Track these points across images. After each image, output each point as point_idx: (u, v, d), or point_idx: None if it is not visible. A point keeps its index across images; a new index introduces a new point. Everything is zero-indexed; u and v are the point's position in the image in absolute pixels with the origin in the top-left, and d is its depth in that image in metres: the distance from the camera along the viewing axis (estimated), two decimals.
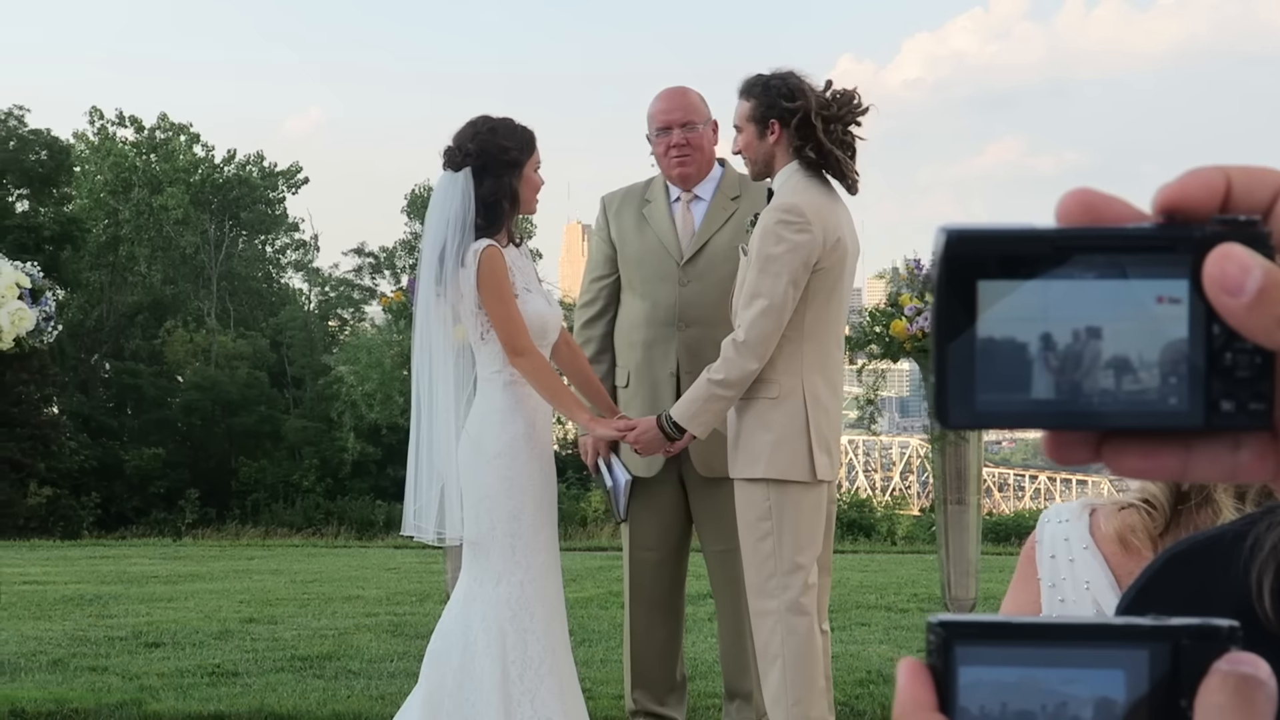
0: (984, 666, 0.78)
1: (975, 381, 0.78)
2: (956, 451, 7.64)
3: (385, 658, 10.05)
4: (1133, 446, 0.81)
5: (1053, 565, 2.79)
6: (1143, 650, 0.78)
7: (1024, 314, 0.77)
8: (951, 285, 0.78)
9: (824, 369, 6.15)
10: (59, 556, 20.25)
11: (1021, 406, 0.78)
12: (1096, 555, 2.74)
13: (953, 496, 7.71)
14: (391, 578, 16.14)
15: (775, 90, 6.05)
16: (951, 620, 0.79)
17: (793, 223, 5.91)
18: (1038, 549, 2.83)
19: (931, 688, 0.79)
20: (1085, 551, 2.75)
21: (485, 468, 6.04)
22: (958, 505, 7.72)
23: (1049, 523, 2.84)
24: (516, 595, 5.99)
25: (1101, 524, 2.75)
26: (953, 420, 0.79)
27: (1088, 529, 2.77)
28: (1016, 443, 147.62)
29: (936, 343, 0.78)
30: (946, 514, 7.74)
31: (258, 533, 35.24)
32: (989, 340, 0.78)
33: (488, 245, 5.95)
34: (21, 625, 11.40)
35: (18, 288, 6.26)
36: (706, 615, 10.70)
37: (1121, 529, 2.68)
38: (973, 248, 0.78)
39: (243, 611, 12.62)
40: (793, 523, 6.02)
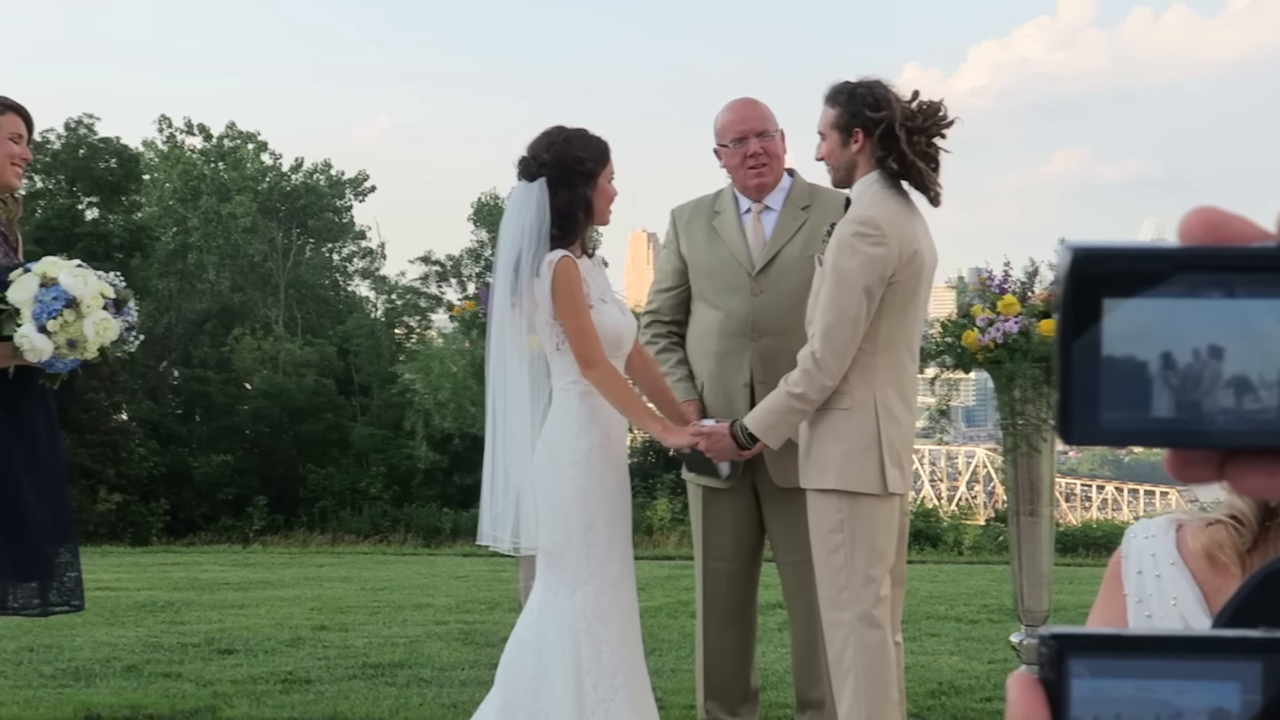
0: (1097, 679, 0.79)
1: (1099, 398, 0.79)
2: (1029, 463, 7.60)
3: (456, 666, 10.08)
4: (1256, 466, 0.81)
5: (1139, 581, 2.78)
6: (1256, 663, 0.79)
7: (1148, 332, 0.78)
8: (1076, 302, 0.79)
9: (897, 381, 6.14)
10: (130, 563, 20.36)
11: (1145, 424, 0.79)
12: (1184, 571, 2.73)
13: (1025, 508, 7.66)
14: (461, 586, 16.16)
15: (861, 99, 6.04)
16: (1064, 632, 0.80)
17: (869, 235, 5.90)
18: (1124, 564, 2.82)
19: (1044, 701, 0.79)
20: (1172, 568, 2.74)
21: (561, 477, 6.05)
22: (1030, 517, 7.67)
23: (1135, 538, 2.83)
24: (591, 605, 6.01)
25: (1189, 540, 2.74)
26: (1076, 436, 0.80)
27: (1174, 545, 2.76)
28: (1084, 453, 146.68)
29: (1061, 358, 0.79)
30: (1019, 525, 7.70)
31: (325, 540, 35.35)
32: (1113, 358, 0.78)
33: (562, 256, 5.97)
34: (95, 631, 11.48)
35: (102, 298, 6.30)
36: (777, 625, 10.69)
37: (1209, 545, 2.67)
38: (1098, 265, 0.79)
39: (314, 619, 12.66)
40: (865, 535, 6.02)
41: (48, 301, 6.10)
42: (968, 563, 22.61)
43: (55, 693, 9.04)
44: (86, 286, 6.21)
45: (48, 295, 6.11)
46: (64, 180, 49.33)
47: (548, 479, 6.09)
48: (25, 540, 6.30)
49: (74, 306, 6.13)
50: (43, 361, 6.15)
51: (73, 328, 6.12)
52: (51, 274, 6.19)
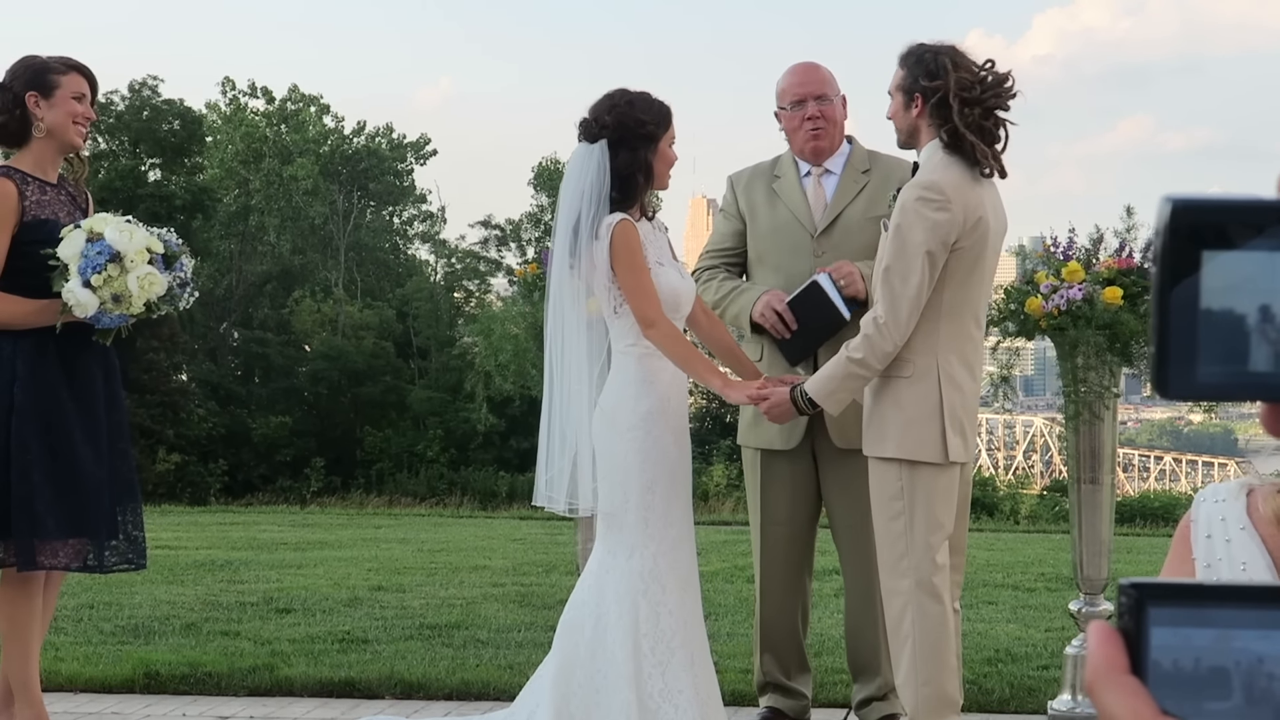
0: (1175, 628, 0.78)
1: (1197, 353, 0.77)
2: (1091, 430, 7.56)
3: (513, 627, 10.10)
4: None
5: (1209, 545, 2.76)
6: None
7: (1247, 285, 0.76)
8: (1175, 255, 0.77)
9: (961, 349, 6.11)
10: (189, 522, 20.47)
11: (1243, 378, 0.77)
12: (1254, 537, 2.70)
13: (1086, 476, 7.63)
14: (517, 548, 16.20)
15: (924, 65, 6.01)
16: (1144, 582, 0.79)
17: (933, 200, 5.87)
18: (1193, 528, 2.80)
19: (1123, 649, 0.79)
20: (1242, 532, 2.71)
21: (619, 440, 6.05)
22: (1091, 485, 7.63)
23: (1205, 502, 2.81)
24: (649, 568, 6.01)
25: (1260, 505, 2.71)
26: (1173, 392, 0.78)
27: (1244, 510, 2.73)
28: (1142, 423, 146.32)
29: (1158, 312, 0.78)
30: (1080, 493, 7.66)
31: (382, 502, 35.54)
32: (1211, 311, 0.77)
33: (621, 219, 5.96)
34: (155, 589, 11.54)
35: (149, 252, 6.31)
36: (833, 591, 10.68)
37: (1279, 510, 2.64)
38: (1198, 217, 0.77)
39: (371, 580, 12.71)
40: (925, 503, 6.00)
41: (92, 256, 6.12)
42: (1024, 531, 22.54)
43: (115, 649, 9.10)
44: (131, 241, 6.23)
45: (92, 250, 6.14)
46: (127, 141, 49.65)
47: (606, 442, 6.09)
48: (79, 495, 6.33)
49: (118, 261, 6.15)
50: (89, 317, 6.18)
51: (116, 282, 6.14)
52: (98, 229, 6.22)
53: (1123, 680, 0.78)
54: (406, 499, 37.36)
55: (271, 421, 46.22)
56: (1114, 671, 0.78)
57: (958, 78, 5.94)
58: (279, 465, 45.32)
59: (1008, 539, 19.17)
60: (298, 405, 49.07)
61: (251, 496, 39.12)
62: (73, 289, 6.11)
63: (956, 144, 5.95)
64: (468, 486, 41.57)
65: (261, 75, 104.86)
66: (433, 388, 48.82)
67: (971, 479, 6.55)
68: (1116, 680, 0.78)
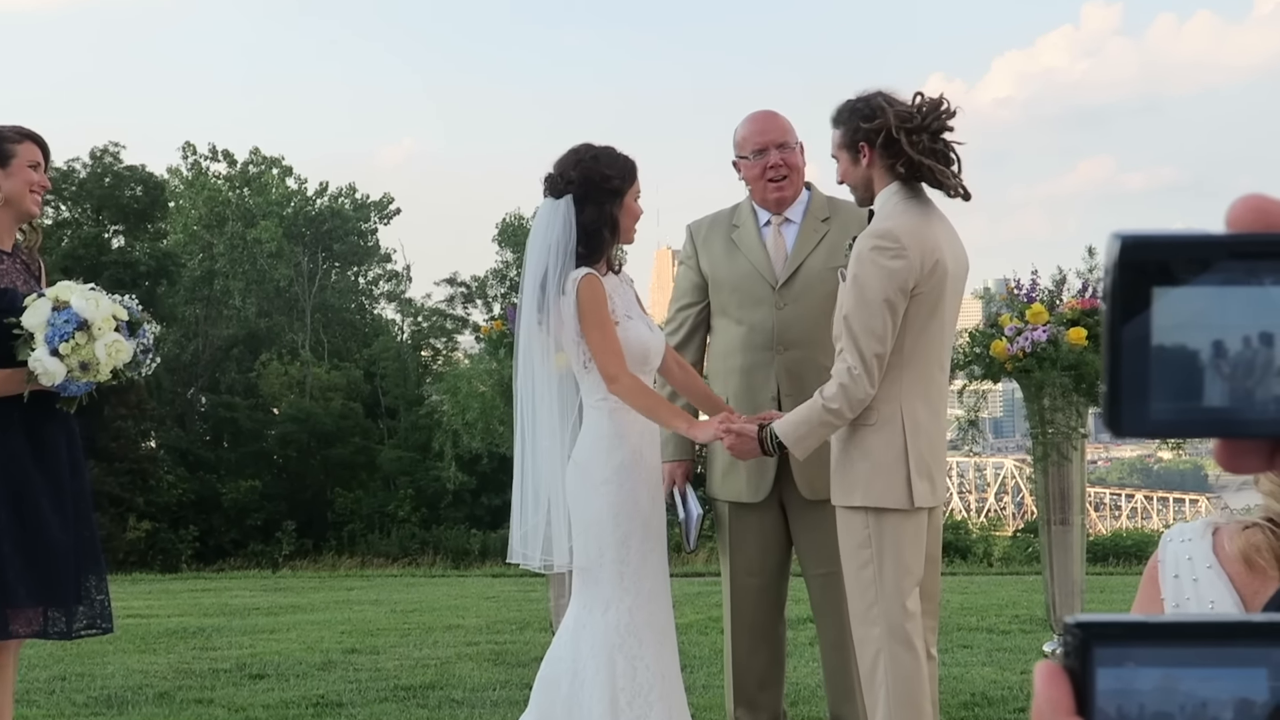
0: (1122, 667, 0.78)
1: (1149, 389, 0.77)
2: (1059, 471, 7.58)
3: (488, 686, 10.06)
4: None
5: (1176, 585, 2.76)
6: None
7: (1199, 321, 0.76)
8: (1126, 292, 0.77)
9: (925, 394, 6.10)
10: (161, 590, 20.39)
11: (1196, 414, 0.77)
12: (1221, 575, 2.71)
13: (1056, 516, 7.65)
14: (491, 606, 16.16)
15: (858, 113, 6.01)
16: (1090, 621, 0.79)
17: (887, 249, 5.86)
18: (1161, 569, 2.81)
19: (1069, 690, 0.78)
20: (1209, 571, 2.72)
21: (592, 494, 6.03)
22: (1061, 525, 7.65)
23: (1171, 542, 2.81)
24: (625, 622, 5.99)
25: (1225, 543, 2.72)
26: (1126, 429, 0.78)
27: (1211, 548, 2.74)
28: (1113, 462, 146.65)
29: (1110, 349, 0.78)
30: (1051, 534, 7.68)
31: (354, 563, 35.45)
32: (1163, 347, 0.77)
33: (587, 273, 5.95)
34: (127, 658, 11.48)
35: (114, 320, 6.31)
36: (808, 640, 10.67)
37: (1246, 549, 2.65)
38: (1147, 253, 0.77)
39: (345, 642, 12.65)
40: (893, 549, 5.98)
41: (59, 325, 6.12)
42: (998, 574, 22.59)
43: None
44: (98, 309, 6.23)
45: (59, 319, 6.14)
46: (90, 209, 49.61)
47: (579, 497, 6.08)
48: (47, 563, 6.32)
49: (85, 329, 6.15)
50: (56, 385, 6.17)
51: (84, 350, 6.14)
52: (64, 297, 6.21)
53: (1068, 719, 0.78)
54: (379, 559, 37.28)
55: (241, 486, 46.14)
56: (1059, 713, 0.78)
57: (895, 111, 5.94)
58: (250, 529, 45.22)
59: (981, 581, 19.19)
60: (267, 469, 49.00)
61: (223, 562, 39.03)
62: (40, 357, 6.10)
63: (915, 174, 5.95)
64: (440, 545, 41.47)
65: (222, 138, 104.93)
66: (402, 447, 48.82)
67: (942, 524, 6.55)
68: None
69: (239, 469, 48.18)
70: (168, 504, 43.09)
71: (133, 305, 6.56)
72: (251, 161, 59.68)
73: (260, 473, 48.02)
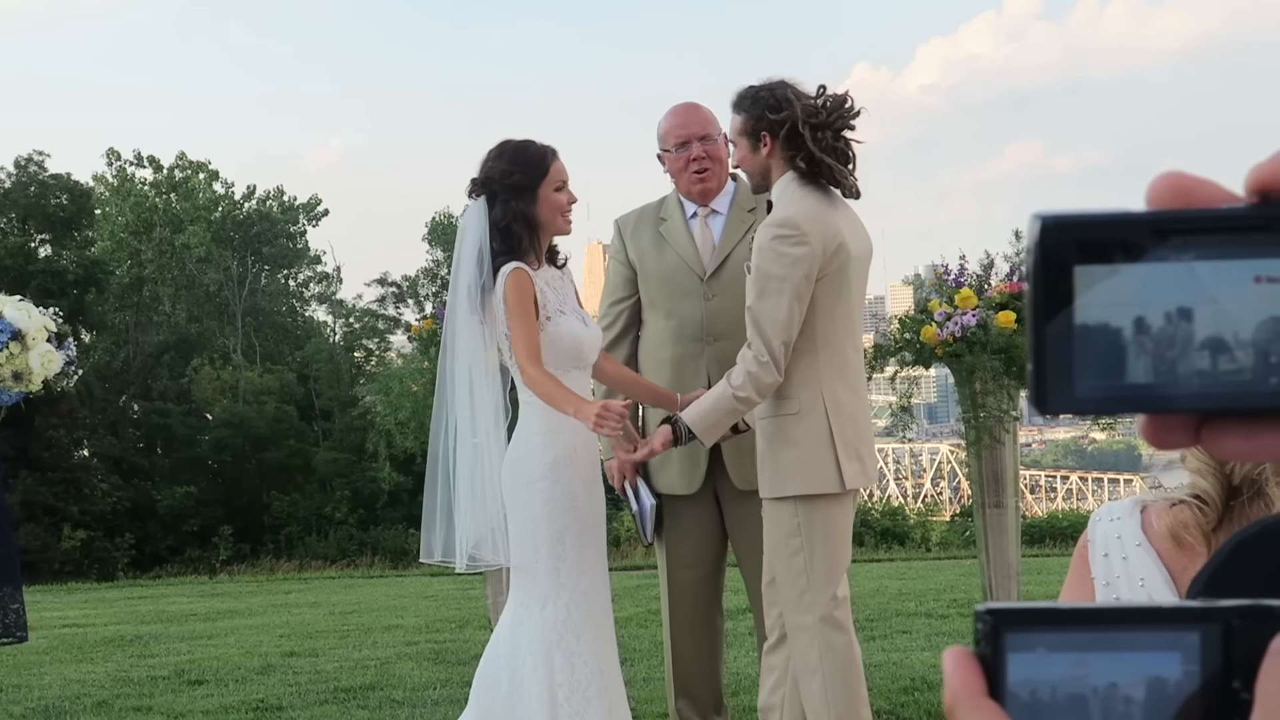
0: (1033, 653, 0.78)
1: (1074, 368, 0.77)
2: (992, 454, 7.61)
3: (428, 685, 10.04)
4: (1234, 428, 0.80)
5: (1106, 564, 2.78)
6: (1193, 633, 0.78)
7: (1122, 298, 0.77)
8: (1048, 272, 0.77)
9: (843, 375, 6.10)
10: (97, 599, 20.29)
11: (1121, 391, 0.78)
12: (1150, 553, 2.72)
13: (991, 500, 7.68)
14: (430, 605, 16.14)
15: (763, 102, 6.01)
16: (1000, 608, 0.79)
17: (788, 236, 5.86)
18: (1090, 548, 2.82)
19: (981, 675, 0.78)
20: (1139, 549, 2.73)
21: (527, 491, 6.02)
22: (996, 508, 7.69)
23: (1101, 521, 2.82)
24: (563, 618, 5.98)
25: (1154, 521, 2.73)
26: (1053, 407, 0.78)
27: (1140, 526, 2.75)
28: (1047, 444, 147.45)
29: (1034, 330, 0.78)
30: (985, 518, 7.71)
31: (292, 566, 35.33)
32: (1087, 326, 0.77)
33: (515, 267, 5.93)
34: (64, 668, 11.42)
35: (46, 330, 6.28)
36: (746, 630, 10.68)
37: (1174, 526, 2.67)
38: (1068, 233, 0.77)
39: (283, 645, 12.61)
40: (823, 537, 5.99)
41: None
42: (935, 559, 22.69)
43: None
44: (30, 320, 6.20)
45: None
46: (16, 218, 49.23)
47: (514, 493, 6.06)
48: None
49: (20, 339, 6.11)
50: None
51: (18, 360, 6.11)
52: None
53: (981, 703, 0.78)
54: (317, 562, 37.16)
55: (177, 492, 45.92)
56: (973, 695, 0.78)
57: (802, 106, 5.95)
58: (186, 536, 45.00)
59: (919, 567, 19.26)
60: (202, 474, 48.79)
61: (160, 569, 38.85)
62: None
63: (814, 170, 5.96)
64: (378, 546, 41.37)
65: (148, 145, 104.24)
66: (337, 449, 48.67)
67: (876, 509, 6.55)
68: (976, 703, 0.78)
69: (174, 475, 47.95)
70: (102, 512, 42.82)
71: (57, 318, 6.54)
72: (178, 167, 59.35)
73: (195, 478, 47.80)
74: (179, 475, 47.90)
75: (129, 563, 41.05)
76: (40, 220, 49.13)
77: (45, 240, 49.78)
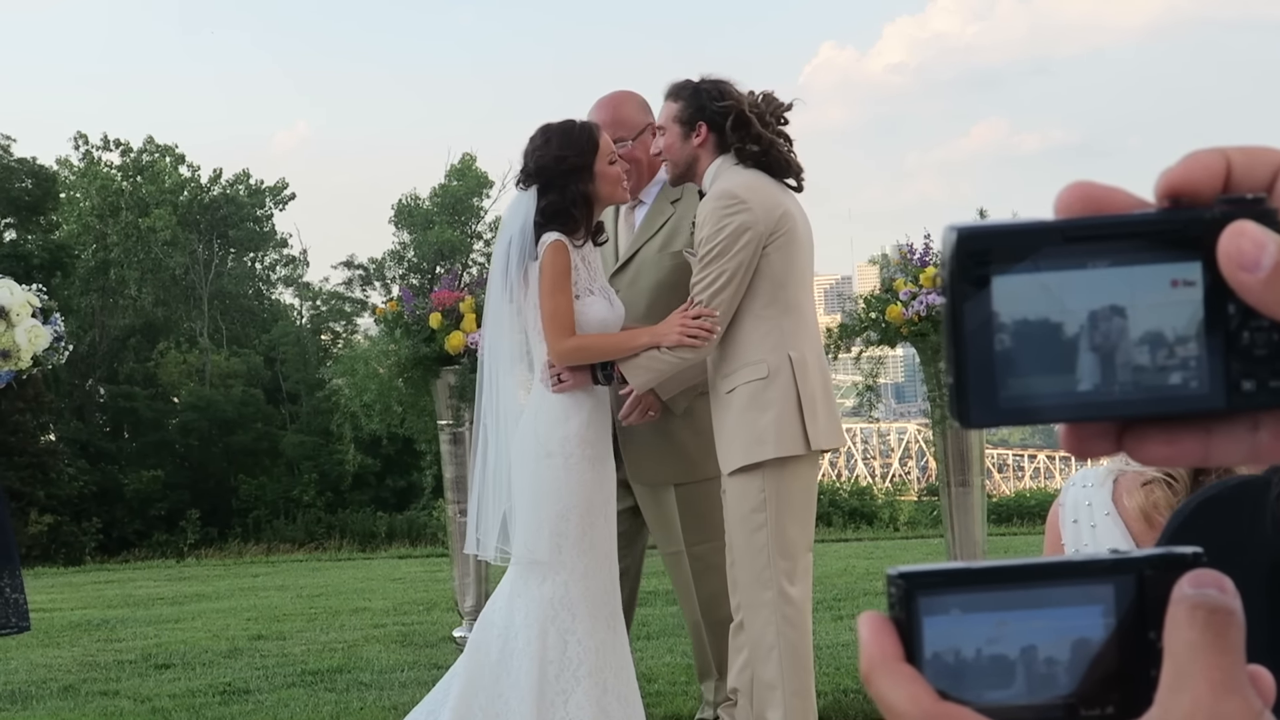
0: (949, 615, 0.78)
1: (995, 379, 0.78)
2: (958, 434, 7.62)
3: (396, 668, 10.04)
4: (1155, 434, 0.81)
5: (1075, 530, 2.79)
6: (1107, 585, 0.79)
7: (1040, 308, 0.78)
8: (965, 283, 0.78)
9: (808, 338, 6.14)
10: (64, 583, 20.26)
11: (1043, 401, 0.78)
12: (1119, 523, 2.74)
13: (956, 479, 7.70)
14: (397, 588, 16.14)
15: (705, 93, 6.07)
16: (912, 571, 0.80)
17: (730, 205, 5.91)
18: (1060, 513, 2.84)
19: (897, 639, 0.78)
20: (1107, 518, 2.75)
21: (535, 466, 6.01)
22: (961, 487, 7.71)
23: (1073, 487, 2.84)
24: (560, 595, 5.97)
25: (1124, 496, 2.75)
26: (975, 420, 0.79)
27: (1110, 496, 2.77)
28: None
29: (953, 342, 0.78)
30: (951, 497, 7.73)
31: (260, 550, 35.33)
32: (1006, 337, 0.78)
33: (555, 239, 5.92)
34: (30, 653, 11.39)
35: (30, 306, 6.26)
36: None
37: (1145, 506, 2.68)
38: (984, 244, 0.78)
39: (250, 629, 12.61)
40: (787, 507, 6.00)
41: None
42: (903, 538, 22.76)
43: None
44: (13, 296, 6.18)
45: None
46: None
47: (521, 467, 6.05)
48: None
49: (4, 316, 6.09)
50: None
51: (5, 337, 6.10)
52: None
53: (898, 668, 0.78)
54: (285, 545, 37.17)
55: (144, 476, 45.83)
56: (889, 660, 0.78)
57: (745, 98, 6.02)
58: (154, 520, 44.92)
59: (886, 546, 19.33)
60: (169, 458, 48.68)
61: (128, 553, 38.78)
62: None
63: (764, 152, 6.00)
64: (346, 529, 41.39)
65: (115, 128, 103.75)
66: (305, 431, 48.65)
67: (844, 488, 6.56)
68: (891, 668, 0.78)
69: (140, 459, 47.86)
70: (69, 497, 42.70)
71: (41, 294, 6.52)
72: (145, 150, 59.16)
73: (162, 462, 47.71)
74: (146, 459, 47.81)
75: (96, 547, 40.94)
76: (5, 204, 48.94)
77: (10, 224, 49.61)
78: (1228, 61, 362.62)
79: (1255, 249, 0.76)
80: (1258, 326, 0.78)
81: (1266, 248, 0.76)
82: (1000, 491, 50.46)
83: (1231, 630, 0.75)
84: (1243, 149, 0.80)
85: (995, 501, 36.28)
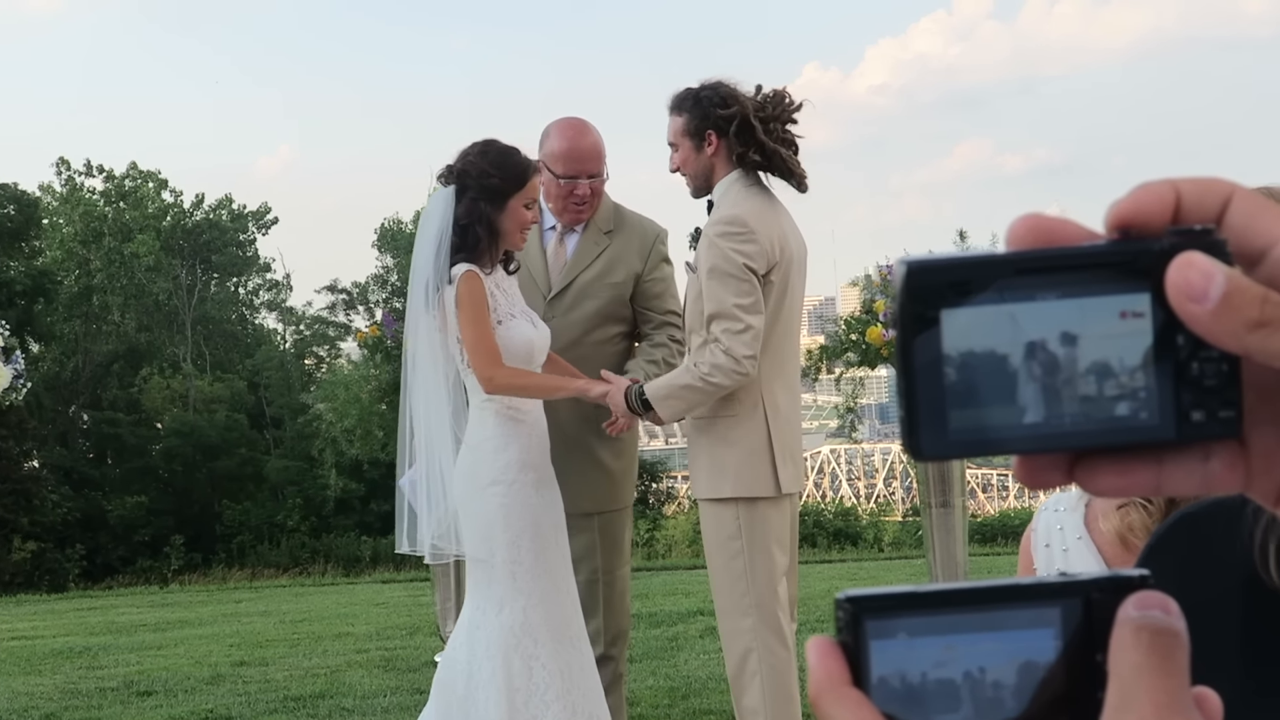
0: (896, 639, 0.78)
1: (946, 412, 0.78)
2: None
3: (378, 693, 10.02)
4: (1106, 465, 0.81)
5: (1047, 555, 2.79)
6: (1055, 608, 0.79)
7: (990, 340, 0.77)
8: (915, 316, 0.78)
9: (783, 378, 6.12)
10: (46, 610, 20.20)
11: (994, 434, 0.78)
12: (1091, 547, 2.73)
13: (938, 500, 7.70)
14: (380, 613, 16.11)
15: (708, 100, 6.03)
16: (859, 595, 0.79)
17: (737, 233, 5.88)
18: (1033, 538, 2.83)
19: (844, 663, 0.78)
20: (1079, 542, 2.75)
21: (481, 496, 6.00)
22: (943, 508, 7.71)
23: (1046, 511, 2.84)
24: (520, 621, 5.96)
25: (1099, 519, 2.74)
26: (926, 453, 0.79)
27: (1083, 520, 2.76)
28: None
29: (905, 375, 0.78)
30: (933, 518, 7.73)
31: (244, 575, 35.27)
32: (957, 369, 0.78)
33: (466, 270, 5.89)
34: (12, 681, 11.35)
35: None
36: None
37: (1121, 529, 2.67)
38: (934, 277, 0.78)
39: (233, 655, 12.58)
40: (762, 538, 6.00)
41: None
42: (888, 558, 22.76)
43: None
44: None
45: None
46: None
47: (468, 498, 6.03)
48: None
49: None
50: None
51: None
52: None
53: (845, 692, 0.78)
54: (269, 570, 37.14)
55: (128, 502, 45.76)
56: (836, 684, 0.78)
57: (750, 100, 5.99)
58: (138, 546, 44.85)
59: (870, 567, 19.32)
60: (153, 484, 48.62)
61: (111, 579, 38.70)
62: None
63: (768, 161, 5.98)
64: (330, 553, 41.32)
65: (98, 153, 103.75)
66: (289, 456, 48.61)
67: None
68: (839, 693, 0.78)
69: (124, 485, 47.79)
70: (53, 523, 42.60)
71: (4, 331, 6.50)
72: (128, 176, 59.13)
73: (146, 488, 47.66)
74: (130, 485, 47.74)
75: (80, 574, 40.86)
76: None
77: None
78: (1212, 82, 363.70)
79: (1203, 280, 0.76)
80: (1207, 357, 0.77)
81: (1214, 279, 0.75)
82: (984, 511, 50.55)
83: (1176, 652, 0.75)
84: (1193, 180, 0.79)
85: (979, 521, 36.33)
